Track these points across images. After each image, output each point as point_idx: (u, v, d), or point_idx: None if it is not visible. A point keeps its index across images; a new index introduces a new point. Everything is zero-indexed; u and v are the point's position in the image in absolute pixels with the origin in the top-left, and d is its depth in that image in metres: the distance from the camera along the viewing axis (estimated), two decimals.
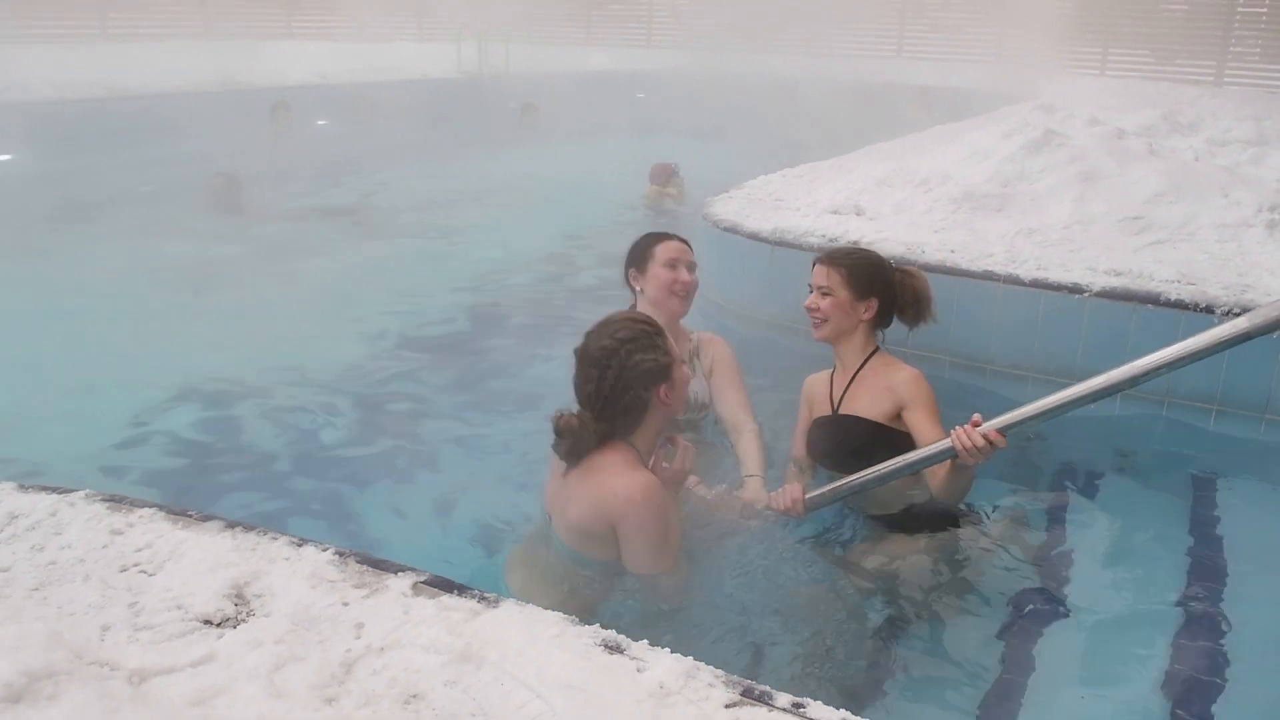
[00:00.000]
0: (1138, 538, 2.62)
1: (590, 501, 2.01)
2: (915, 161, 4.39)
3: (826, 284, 2.54)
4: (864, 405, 2.52)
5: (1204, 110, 7.50)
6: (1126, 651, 2.14)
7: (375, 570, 1.52)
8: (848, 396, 2.57)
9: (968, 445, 2.10)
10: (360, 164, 8.66)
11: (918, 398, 2.45)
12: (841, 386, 2.59)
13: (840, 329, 2.55)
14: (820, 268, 2.57)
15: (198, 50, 11.58)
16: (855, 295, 2.53)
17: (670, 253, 2.80)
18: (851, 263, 2.56)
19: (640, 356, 2.03)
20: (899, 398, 2.47)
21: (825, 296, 2.53)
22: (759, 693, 1.24)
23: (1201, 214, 3.52)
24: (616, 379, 2.02)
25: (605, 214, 6.73)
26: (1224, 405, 3.00)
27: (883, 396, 2.50)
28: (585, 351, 2.08)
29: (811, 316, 2.57)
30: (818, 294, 2.55)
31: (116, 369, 3.77)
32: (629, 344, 2.04)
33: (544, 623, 1.38)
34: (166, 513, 1.67)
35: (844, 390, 2.58)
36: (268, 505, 2.79)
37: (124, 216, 6.40)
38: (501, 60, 13.03)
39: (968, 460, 2.14)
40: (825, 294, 2.53)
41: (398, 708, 1.21)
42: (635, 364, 2.02)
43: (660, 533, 2.00)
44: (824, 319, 2.54)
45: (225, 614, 1.40)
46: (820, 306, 2.54)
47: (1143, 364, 2.04)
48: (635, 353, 2.03)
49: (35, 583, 1.46)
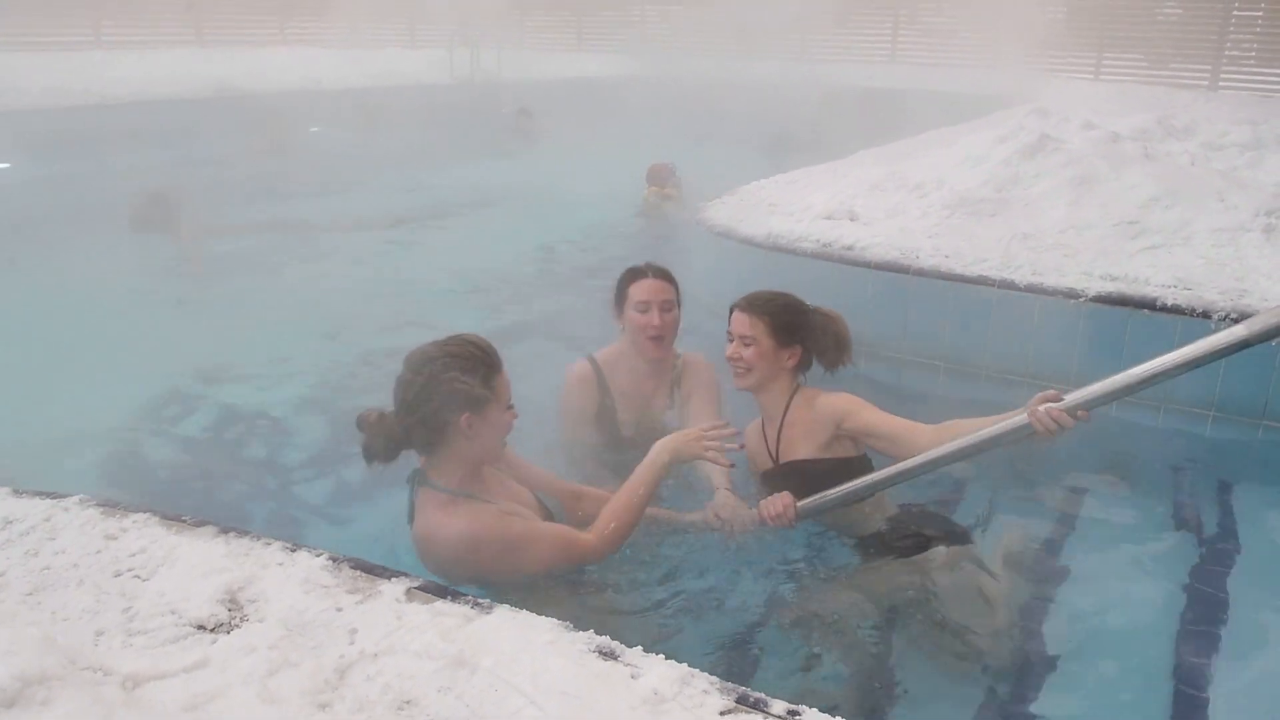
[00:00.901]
0: (1134, 543, 2.62)
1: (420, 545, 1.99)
2: (909, 166, 4.40)
3: (750, 333, 2.44)
4: (801, 447, 2.47)
5: (1199, 114, 7.51)
6: (1125, 658, 2.14)
7: (368, 576, 1.52)
8: (783, 443, 2.50)
9: (1053, 428, 2.03)
10: (347, 171, 8.63)
11: (851, 409, 2.40)
12: (773, 435, 2.51)
13: (764, 377, 2.47)
14: (741, 315, 2.47)
15: (191, 57, 11.60)
16: (778, 343, 2.45)
17: (642, 294, 2.69)
18: (773, 310, 2.46)
19: (454, 375, 1.93)
20: (830, 421, 2.42)
21: (748, 346, 2.44)
22: (754, 699, 1.24)
23: (1198, 218, 3.53)
24: (422, 388, 1.93)
25: (604, 216, 6.73)
26: (1221, 411, 3.00)
27: (815, 430, 2.44)
28: (412, 354, 2.00)
29: (734, 366, 2.48)
30: (739, 343, 2.46)
31: (106, 375, 3.76)
32: (451, 360, 1.95)
33: (537, 629, 1.38)
34: (160, 518, 1.67)
35: (777, 437, 2.50)
36: (260, 512, 2.78)
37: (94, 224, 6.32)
38: (494, 66, 13.05)
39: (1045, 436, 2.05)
40: (747, 343, 2.45)
41: (391, 714, 1.20)
42: (446, 380, 1.93)
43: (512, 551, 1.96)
44: (748, 368, 2.46)
45: (219, 619, 1.39)
46: (743, 356, 2.45)
47: (1138, 373, 2.03)
48: (451, 369, 1.94)
49: (29, 587, 1.46)
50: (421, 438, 1.98)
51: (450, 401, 1.93)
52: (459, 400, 1.94)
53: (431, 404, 1.94)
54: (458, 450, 2.00)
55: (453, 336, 2.02)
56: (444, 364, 1.95)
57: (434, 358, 1.96)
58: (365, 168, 8.65)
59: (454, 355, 1.96)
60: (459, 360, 1.96)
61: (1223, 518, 2.74)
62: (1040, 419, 2.05)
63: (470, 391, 1.94)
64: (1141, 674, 2.08)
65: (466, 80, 12.69)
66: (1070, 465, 2.98)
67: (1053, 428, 2.04)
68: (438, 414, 1.94)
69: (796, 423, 2.47)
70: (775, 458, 2.51)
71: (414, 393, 1.94)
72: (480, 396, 1.96)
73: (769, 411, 2.53)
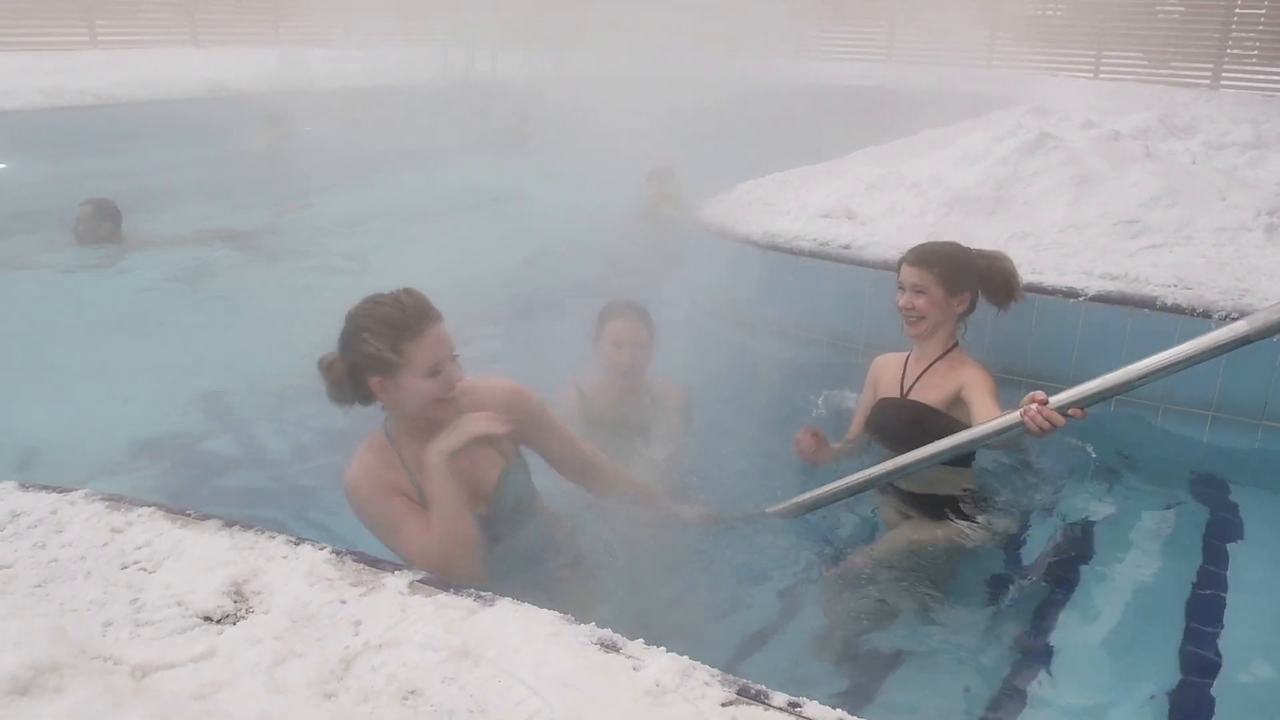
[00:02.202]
0: (1133, 543, 2.63)
1: None
2: (907, 165, 4.40)
3: (920, 283, 2.61)
4: (931, 393, 2.63)
5: (1200, 113, 7.52)
6: (1126, 655, 2.16)
7: (372, 569, 1.53)
8: (919, 384, 2.68)
9: (1044, 426, 2.08)
10: (344, 171, 8.60)
11: (981, 381, 2.55)
12: (915, 373, 2.70)
13: (935, 323, 2.64)
14: (911, 268, 2.64)
15: (186, 57, 11.60)
16: (948, 291, 2.62)
17: (615, 334, 2.86)
18: (941, 259, 2.63)
19: (365, 336, 1.88)
20: (961, 383, 2.57)
21: (920, 295, 2.62)
22: (755, 691, 1.26)
23: (1199, 217, 3.53)
24: (341, 342, 1.92)
25: (603, 217, 6.72)
26: (1220, 411, 3.00)
27: (947, 386, 2.61)
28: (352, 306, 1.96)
29: (907, 315, 2.65)
30: (912, 293, 2.63)
31: (106, 375, 3.78)
32: (367, 318, 1.89)
33: (540, 621, 1.39)
34: (165, 512, 1.69)
35: (917, 377, 2.69)
36: (260, 511, 2.80)
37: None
38: (488, 66, 13.03)
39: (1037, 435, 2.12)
40: (920, 292, 2.62)
41: (396, 703, 1.22)
42: (360, 339, 1.88)
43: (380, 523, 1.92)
44: (920, 316, 2.63)
45: (225, 611, 1.41)
46: (915, 305, 2.62)
47: (1140, 368, 2.04)
48: (365, 330, 1.88)
49: (38, 579, 1.47)
50: (350, 390, 1.93)
51: (361, 362, 1.89)
52: (367, 362, 1.89)
53: (348, 360, 1.91)
54: (392, 409, 1.97)
55: (392, 292, 1.93)
56: (361, 322, 1.89)
57: (356, 314, 1.91)
58: (359, 168, 8.64)
59: (371, 315, 1.89)
60: (375, 321, 1.88)
61: (1223, 518, 2.75)
62: (1032, 417, 2.08)
63: (377, 355, 1.87)
64: (1144, 673, 2.10)
65: (461, 80, 12.67)
66: (1069, 466, 2.99)
67: (1045, 426, 2.07)
68: (353, 371, 1.91)
69: (939, 372, 2.65)
70: (904, 391, 2.70)
71: (339, 345, 1.92)
72: (387, 361, 1.88)
73: (923, 352, 2.71)
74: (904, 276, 2.66)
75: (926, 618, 2.26)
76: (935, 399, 2.61)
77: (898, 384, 2.73)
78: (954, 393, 2.58)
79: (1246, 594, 2.37)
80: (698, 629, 2.12)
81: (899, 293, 2.69)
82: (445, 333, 1.93)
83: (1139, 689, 2.04)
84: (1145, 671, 2.10)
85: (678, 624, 2.11)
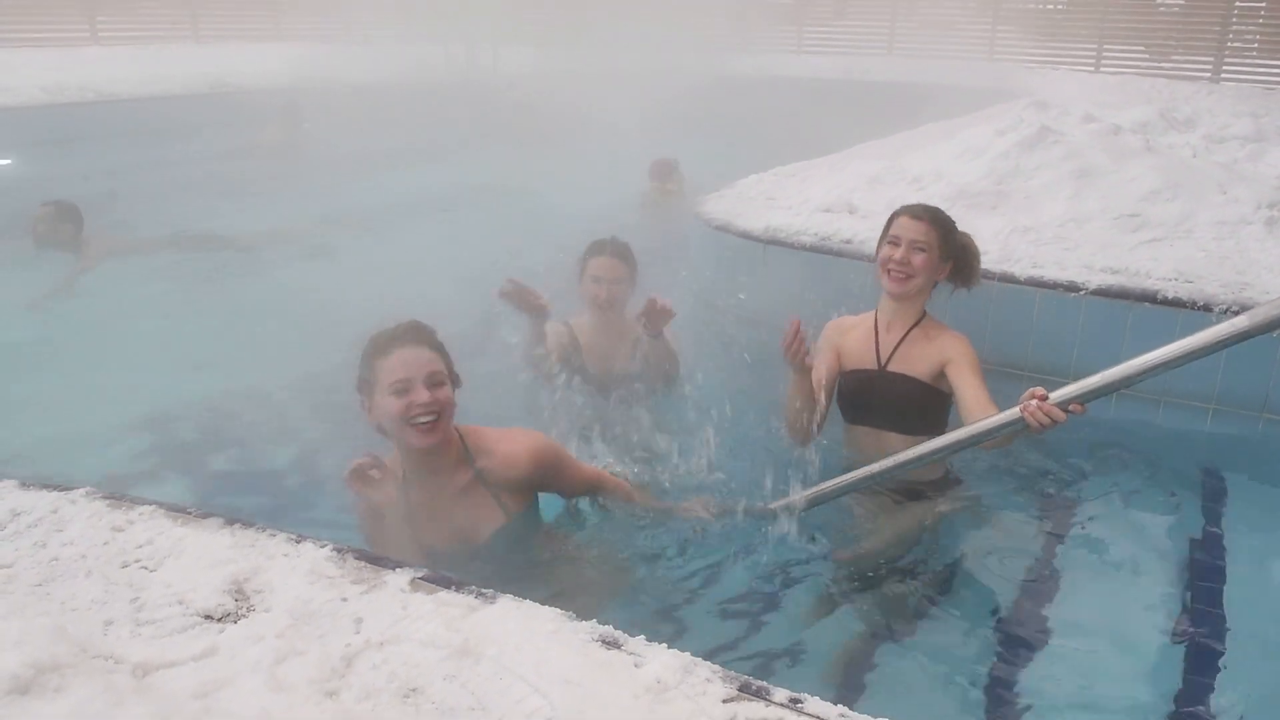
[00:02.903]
0: (1134, 536, 2.64)
1: None
2: (908, 159, 4.40)
3: (924, 240, 2.51)
4: (913, 365, 2.55)
5: (1201, 107, 7.51)
6: (1124, 647, 2.16)
7: (373, 566, 1.53)
8: (897, 355, 2.58)
9: (1044, 422, 2.06)
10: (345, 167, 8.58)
11: (965, 355, 2.49)
12: (890, 344, 2.60)
13: (922, 285, 2.56)
14: (916, 223, 2.53)
15: (186, 53, 11.58)
16: (942, 255, 2.56)
17: (594, 270, 3.07)
18: (944, 222, 2.56)
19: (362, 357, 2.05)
20: (945, 355, 2.51)
21: (919, 252, 2.51)
22: (756, 688, 1.25)
23: (1199, 211, 3.52)
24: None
25: (605, 211, 6.71)
26: (1221, 404, 3.01)
27: (929, 354, 2.54)
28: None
29: (897, 270, 2.53)
30: (910, 248, 2.51)
31: (106, 372, 3.78)
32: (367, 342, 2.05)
33: (541, 618, 1.39)
34: (166, 510, 1.68)
35: (894, 347, 2.59)
36: (263, 507, 2.80)
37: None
38: (490, 62, 13.01)
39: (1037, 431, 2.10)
40: (919, 249, 2.51)
41: (397, 701, 1.22)
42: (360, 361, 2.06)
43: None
44: (911, 275, 2.53)
45: (226, 609, 1.41)
46: (912, 260, 2.51)
47: (1139, 363, 2.04)
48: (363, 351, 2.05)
49: (38, 578, 1.47)
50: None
51: (358, 382, 2.06)
52: (359, 381, 2.06)
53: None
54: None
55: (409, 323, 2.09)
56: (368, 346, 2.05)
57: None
58: (361, 164, 8.62)
59: (369, 337, 2.06)
60: (367, 342, 2.05)
61: (1223, 511, 2.75)
62: (1033, 413, 2.06)
63: (360, 374, 2.05)
64: (1142, 664, 2.10)
65: (463, 76, 12.65)
66: (1070, 459, 2.99)
67: (1045, 421, 2.06)
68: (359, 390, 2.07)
69: (916, 341, 2.57)
70: (882, 362, 2.61)
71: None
72: (364, 379, 2.04)
73: (898, 318, 2.62)
74: (904, 230, 2.53)
75: (926, 613, 2.26)
76: (920, 372, 2.53)
77: (871, 354, 2.62)
78: (938, 364, 2.52)
79: (1247, 586, 2.37)
80: (699, 625, 2.12)
81: (889, 246, 2.54)
82: (420, 356, 2.00)
83: (1138, 682, 2.04)
84: (1144, 664, 2.10)
85: (678, 620, 2.11)
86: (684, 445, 3.05)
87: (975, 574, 2.44)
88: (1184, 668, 2.06)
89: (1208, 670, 2.06)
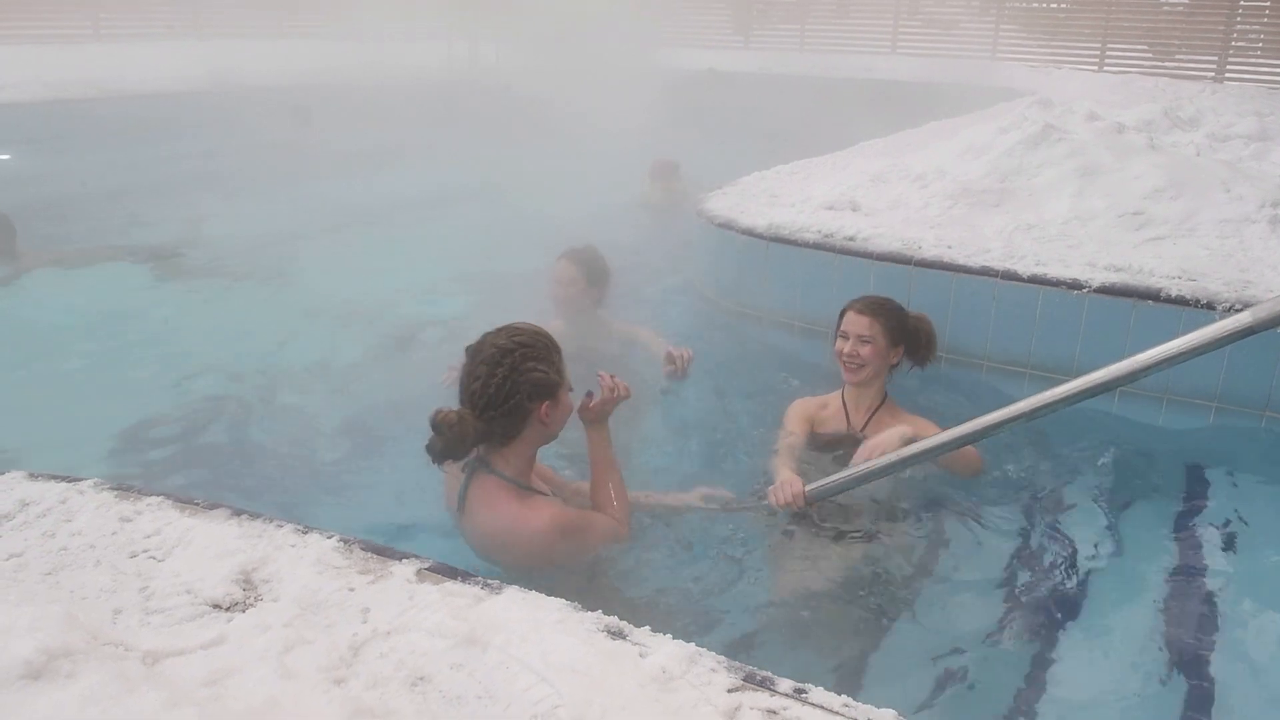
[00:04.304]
0: (1136, 535, 2.63)
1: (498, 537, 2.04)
2: (911, 157, 4.40)
3: (868, 333, 2.73)
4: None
5: (1205, 105, 7.50)
6: (1123, 648, 2.16)
7: (379, 557, 1.54)
8: (868, 428, 2.75)
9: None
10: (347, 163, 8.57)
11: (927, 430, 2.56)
12: (860, 422, 2.79)
13: (874, 373, 2.77)
14: (860, 318, 2.75)
15: (189, 50, 11.59)
16: (890, 343, 2.76)
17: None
18: (887, 313, 2.77)
19: (533, 364, 2.01)
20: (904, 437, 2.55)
21: (865, 344, 2.73)
22: (761, 678, 1.26)
23: (1203, 209, 3.53)
24: (505, 379, 1.99)
25: (606, 210, 6.71)
26: (1223, 402, 3.01)
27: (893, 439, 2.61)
28: (480, 349, 2.05)
29: (849, 362, 2.76)
30: (857, 341, 2.73)
31: (107, 368, 3.79)
32: (525, 349, 2.02)
33: (546, 609, 1.40)
34: (174, 501, 1.69)
35: (863, 425, 2.78)
36: (265, 503, 2.81)
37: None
38: (492, 59, 13.00)
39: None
40: (865, 342, 2.73)
41: (405, 689, 1.23)
42: (527, 369, 2.00)
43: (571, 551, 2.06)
44: (862, 364, 2.74)
45: (234, 599, 1.42)
46: (860, 353, 2.73)
47: (1145, 358, 2.05)
48: (529, 359, 2.01)
49: (48, 568, 1.48)
50: (504, 428, 2.02)
51: (531, 391, 2.01)
52: (540, 389, 2.01)
53: (517, 397, 2.00)
54: (529, 438, 2.06)
55: (509, 327, 2.07)
56: (522, 355, 2.01)
57: (509, 350, 2.01)
58: (362, 160, 8.63)
59: (526, 345, 2.02)
60: (533, 350, 2.02)
61: (1227, 509, 2.74)
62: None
63: (547, 379, 2.02)
64: (1141, 665, 2.10)
65: (465, 73, 12.65)
66: (1069, 457, 2.99)
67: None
68: (523, 406, 2.00)
69: (881, 423, 2.73)
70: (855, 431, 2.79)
71: (496, 386, 1.99)
72: (554, 382, 2.04)
73: (861, 402, 2.81)
74: (850, 325, 2.76)
75: (927, 609, 2.27)
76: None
77: (843, 422, 2.82)
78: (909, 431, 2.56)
79: (1249, 585, 2.37)
80: (701, 618, 2.13)
81: (840, 340, 2.77)
82: None
83: (1137, 682, 2.05)
84: (1144, 664, 2.10)
85: (680, 613, 2.12)
86: (682, 445, 3.06)
87: (975, 571, 2.45)
88: (1183, 668, 2.07)
89: (1205, 672, 2.06)
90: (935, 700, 1.99)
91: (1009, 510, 2.70)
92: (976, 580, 2.41)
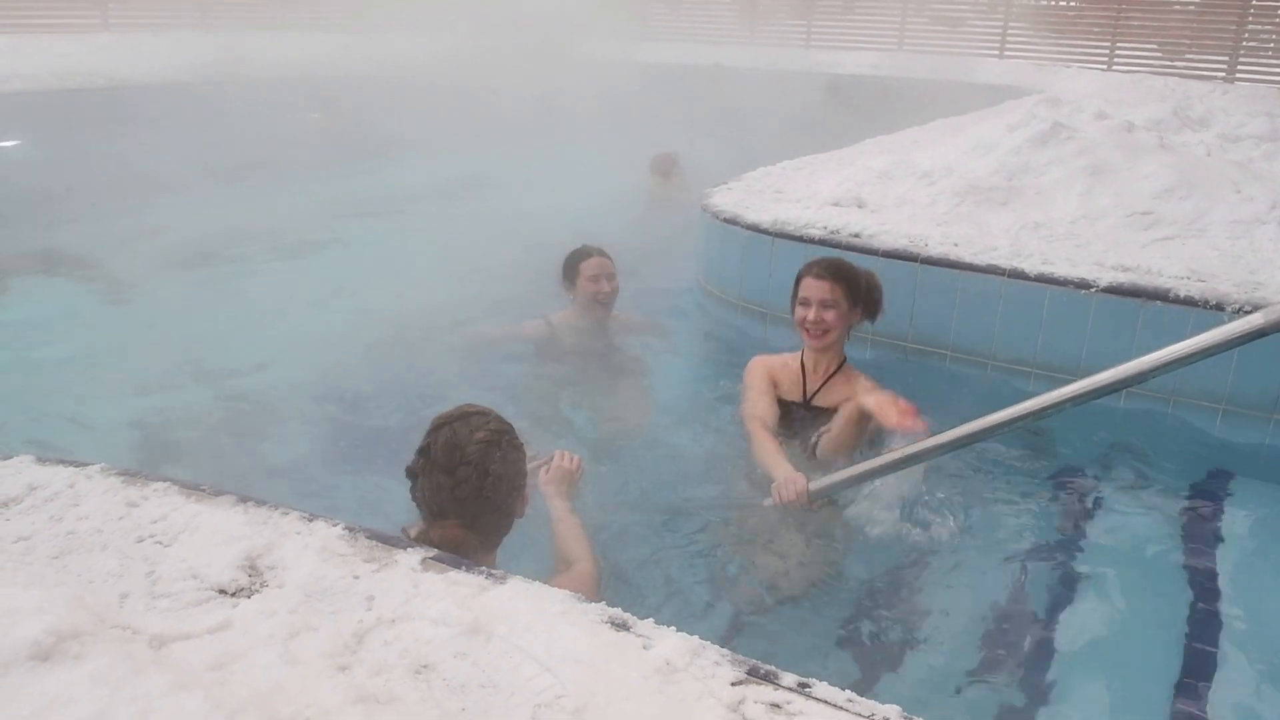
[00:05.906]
0: (1141, 535, 2.63)
1: None
2: (917, 154, 4.38)
3: (831, 297, 2.69)
4: (833, 401, 2.71)
5: (1215, 105, 7.47)
6: (1128, 648, 2.16)
7: (384, 546, 1.55)
8: (821, 393, 2.77)
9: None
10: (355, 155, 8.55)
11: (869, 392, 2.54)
12: (815, 385, 2.79)
13: (839, 336, 2.76)
14: (820, 283, 2.70)
15: (198, 40, 11.60)
16: (850, 305, 2.74)
17: (591, 270, 3.42)
18: (847, 275, 2.73)
19: (516, 455, 1.82)
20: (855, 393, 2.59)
21: (829, 309, 2.69)
22: (764, 671, 1.26)
23: (1213, 210, 3.51)
24: (499, 478, 1.77)
25: (607, 205, 6.68)
26: (1231, 405, 3.00)
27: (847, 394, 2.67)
28: (456, 448, 1.76)
29: (814, 328, 2.70)
30: (820, 307, 2.69)
31: (124, 356, 3.80)
32: (506, 437, 1.81)
33: (550, 599, 1.40)
34: (180, 487, 1.70)
35: (818, 388, 2.78)
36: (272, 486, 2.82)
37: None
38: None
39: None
40: (829, 306, 2.69)
41: (409, 677, 1.23)
42: (514, 460, 1.81)
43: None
44: (827, 329, 2.71)
45: (240, 584, 1.42)
46: (825, 318, 2.69)
47: (1154, 359, 2.04)
48: (512, 450, 1.81)
49: (55, 551, 1.49)
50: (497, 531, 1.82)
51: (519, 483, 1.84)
52: (522, 479, 1.85)
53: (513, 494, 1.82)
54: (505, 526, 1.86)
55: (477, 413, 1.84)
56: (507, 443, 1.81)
57: (494, 443, 1.78)
58: (365, 154, 8.61)
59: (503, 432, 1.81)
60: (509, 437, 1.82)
61: (1233, 512, 2.74)
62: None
63: (522, 465, 1.86)
64: (1147, 665, 2.10)
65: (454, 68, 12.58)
66: (1076, 457, 2.99)
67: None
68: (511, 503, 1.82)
69: (837, 384, 2.74)
70: (807, 396, 2.81)
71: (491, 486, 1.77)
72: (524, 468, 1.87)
73: (819, 365, 2.79)
74: (811, 291, 2.71)
75: (928, 607, 2.27)
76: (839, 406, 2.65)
77: (799, 387, 2.81)
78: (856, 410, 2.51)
79: (1254, 588, 2.37)
80: (703, 612, 2.13)
81: (801, 307, 2.73)
82: None
83: (1139, 683, 2.05)
84: (1147, 665, 2.10)
85: (684, 607, 2.13)
86: (682, 444, 3.06)
87: (977, 570, 2.45)
88: (1183, 669, 2.07)
89: (1206, 672, 2.06)
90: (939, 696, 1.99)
91: (1012, 509, 2.70)
92: (977, 579, 2.41)
